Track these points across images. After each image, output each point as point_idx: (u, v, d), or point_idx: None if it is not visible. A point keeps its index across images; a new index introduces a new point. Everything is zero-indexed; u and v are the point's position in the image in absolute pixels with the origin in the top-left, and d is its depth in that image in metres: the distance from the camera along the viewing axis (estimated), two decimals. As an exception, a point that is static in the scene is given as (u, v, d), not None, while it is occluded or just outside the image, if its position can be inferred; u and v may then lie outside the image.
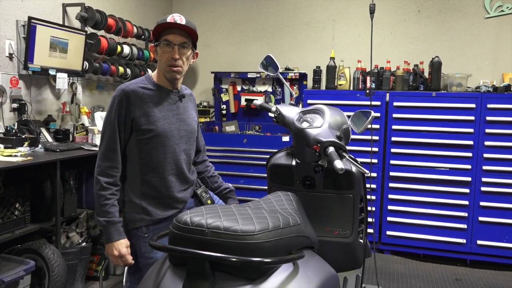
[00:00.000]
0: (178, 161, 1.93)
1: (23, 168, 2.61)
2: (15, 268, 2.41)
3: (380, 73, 4.03)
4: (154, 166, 1.88)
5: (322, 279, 1.40)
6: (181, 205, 1.97)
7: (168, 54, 1.84)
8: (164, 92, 1.92)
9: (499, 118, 3.59)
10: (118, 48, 3.92)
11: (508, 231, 3.61)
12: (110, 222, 1.78)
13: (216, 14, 5.08)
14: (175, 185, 1.93)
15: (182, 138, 1.95)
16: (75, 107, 3.58)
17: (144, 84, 1.89)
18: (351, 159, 1.82)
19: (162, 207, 1.90)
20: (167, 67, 1.86)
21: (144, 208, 1.87)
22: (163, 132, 1.87)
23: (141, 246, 1.88)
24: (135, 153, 1.87)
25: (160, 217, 1.89)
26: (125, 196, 1.91)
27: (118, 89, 1.86)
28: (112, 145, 1.83)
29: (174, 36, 1.83)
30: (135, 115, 1.83)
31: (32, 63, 3.02)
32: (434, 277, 3.48)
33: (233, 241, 1.23)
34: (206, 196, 2.08)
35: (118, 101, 1.83)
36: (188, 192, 2.01)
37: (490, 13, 4.21)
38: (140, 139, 1.86)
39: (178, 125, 1.93)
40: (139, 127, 1.84)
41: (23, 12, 3.12)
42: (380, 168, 3.89)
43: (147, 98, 1.86)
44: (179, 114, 1.95)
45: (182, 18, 1.83)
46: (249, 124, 4.78)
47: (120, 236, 1.80)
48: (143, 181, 1.88)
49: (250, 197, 3.43)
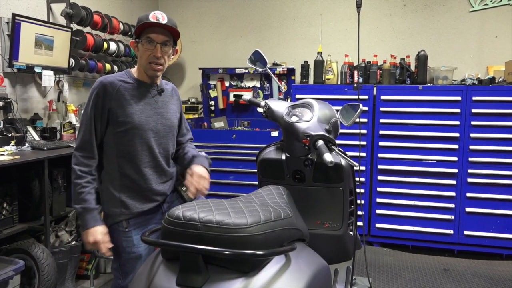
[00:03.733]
0: (155, 154, 1.93)
1: (10, 167, 2.58)
2: (4, 268, 2.39)
3: (367, 67, 4.06)
4: (130, 159, 1.88)
5: (314, 270, 1.42)
6: (161, 197, 1.97)
7: (149, 52, 1.85)
8: (143, 86, 1.93)
9: (484, 110, 3.64)
10: (105, 45, 3.89)
11: (494, 221, 3.68)
12: (86, 209, 1.79)
13: (203, 10, 5.06)
14: (152, 177, 1.93)
15: (159, 132, 1.95)
16: (61, 105, 3.54)
17: (122, 78, 1.90)
18: (340, 152, 1.84)
19: (141, 200, 1.91)
20: (148, 64, 1.87)
21: (122, 201, 1.88)
22: (139, 125, 1.87)
23: (122, 241, 1.88)
24: (113, 146, 1.88)
25: (139, 210, 1.90)
26: (104, 190, 1.92)
27: (97, 81, 1.87)
28: (87, 136, 1.84)
29: (156, 34, 1.84)
30: (111, 107, 1.84)
31: (17, 61, 2.98)
32: (423, 267, 3.54)
33: (226, 235, 1.24)
34: (187, 190, 2.06)
35: (96, 93, 1.84)
36: (167, 185, 2.01)
37: (474, 7, 4.26)
38: (116, 131, 1.86)
39: (156, 119, 1.93)
40: (115, 119, 1.85)
41: (6, 9, 3.07)
42: (368, 162, 3.93)
43: (125, 90, 1.87)
44: (157, 108, 1.95)
45: (164, 17, 1.84)
46: (238, 120, 4.78)
47: (96, 223, 1.80)
48: (122, 174, 1.89)
49: (241, 192, 3.42)
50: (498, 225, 3.67)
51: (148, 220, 1.93)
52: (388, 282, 3.27)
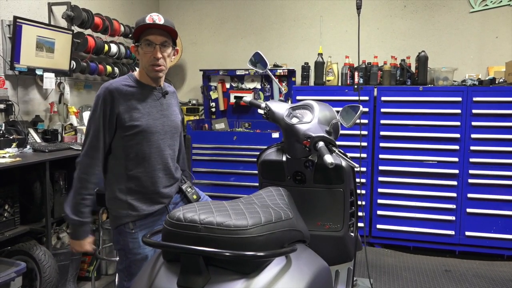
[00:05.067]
0: (164, 156, 1.95)
1: (12, 169, 2.59)
2: (6, 270, 2.40)
3: (367, 68, 4.06)
4: (140, 162, 1.89)
5: (315, 271, 1.42)
6: (167, 200, 1.99)
7: (150, 54, 1.87)
8: (147, 89, 1.94)
9: (485, 111, 3.64)
10: (106, 47, 3.90)
11: (495, 222, 3.68)
12: (82, 222, 1.85)
13: (203, 12, 5.07)
14: (161, 180, 1.95)
15: (167, 133, 1.97)
16: (63, 107, 3.54)
17: (127, 82, 1.91)
18: (341, 154, 1.84)
19: (148, 202, 1.92)
20: (150, 66, 1.89)
21: (130, 204, 1.89)
22: (147, 127, 1.88)
23: (128, 242, 1.89)
24: (120, 150, 1.89)
25: (146, 212, 1.91)
26: (111, 193, 1.93)
27: (102, 87, 1.88)
28: (95, 142, 1.85)
29: (154, 36, 1.85)
30: (119, 112, 1.85)
31: (19, 63, 2.99)
32: (424, 268, 3.53)
33: (227, 236, 1.24)
34: (192, 192, 2.11)
35: (102, 99, 1.85)
36: (173, 187, 2.03)
37: (474, 8, 4.26)
38: (125, 135, 1.87)
39: (162, 121, 1.95)
40: (123, 123, 1.85)
41: (8, 11, 3.08)
42: (369, 163, 3.93)
43: (130, 95, 1.88)
44: (162, 110, 1.97)
45: (161, 18, 1.85)
46: (238, 122, 4.78)
47: (86, 234, 1.89)
48: (129, 177, 1.90)
49: (242, 194, 3.43)
50: (499, 225, 3.66)
51: (155, 221, 1.95)
52: (389, 283, 3.27)
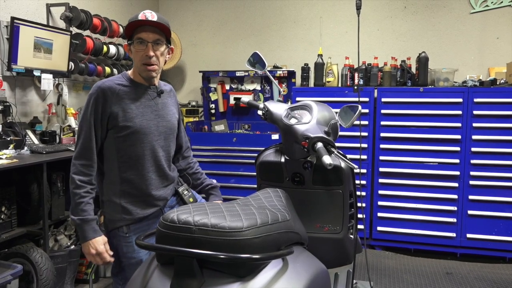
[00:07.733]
0: (157, 157, 1.90)
1: (9, 171, 2.57)
2: (2, 272, 2.37)
3: (367, 70, 4.04)
4: (132, 164, 1.85)
5: (312, 274, 1.40)
6: (162, 202, 1.94)
7: (142, 52, 1.82)
8: (141, 88, 1.90)
9: (486, 112, 3.62)
10: (104, 48, 3.88)
11: (497, 224, 3.65)
12: (84, 220, 1.76)
13: (203, 13, 5.06)
14: (154, 182, 1.90)
15: (161, 134, 1.92)
16: (61, 109, 3.53)
17: (120, 81, 1.87)
18: (340, 155, 1.82)
19: (142, 205, 1.88)
20: (142, 65, 1.84)
21: (123, 207, 1.85)
22: (140, 128, 1.84)
23: (122, 246, 1.85)
24: (113, 151, 1.85)
25: (140, 216, 1.87)
26: (104, 195, 1.89)
27: (94, 86, 1.84)
28: (88, 143, 1.80)
29: (147, 33, 1.81)
30: (111, 112, 1.80)
31: (16, 64, 2.97)
32: (425, 271, 3.50)
33: (221, 238, 1.21)
34: (188, 194, 2.06)
35: (94, 98, 1.81)
36: (168, 189, 1.98)
37: (475, 8, 4.24)
38: (117, 136, 1.83)
39: (157, 122, 1.91)
40: (116, 124, 1.81)
41: (5, 12, 3.07)
42: (369, 164, 3.90)
43: (124, 94, 1.84)
44: (157, 110, 1.92)
45: (154, 15, 1.81)
46: (238, 123, 4.76)
47: (95, 234, 1.77)
48: (122, 179, 1.85)
49: (241, 196, 3.42)
50: (501, 227, 3.64)
51: (149, 225, 1.90)
52: (390, 286, 3.24)
